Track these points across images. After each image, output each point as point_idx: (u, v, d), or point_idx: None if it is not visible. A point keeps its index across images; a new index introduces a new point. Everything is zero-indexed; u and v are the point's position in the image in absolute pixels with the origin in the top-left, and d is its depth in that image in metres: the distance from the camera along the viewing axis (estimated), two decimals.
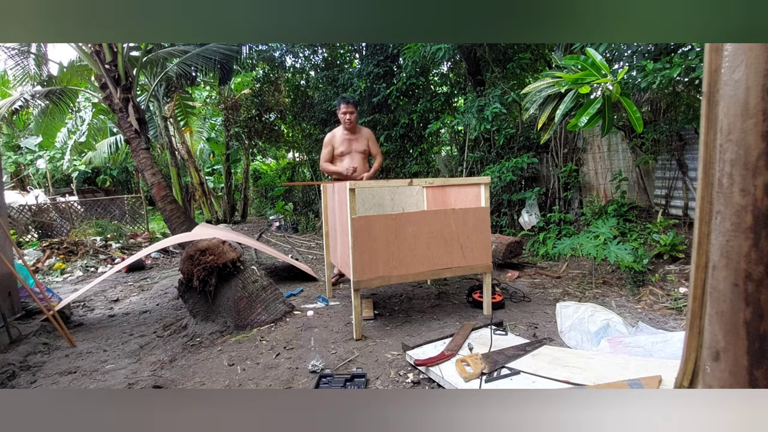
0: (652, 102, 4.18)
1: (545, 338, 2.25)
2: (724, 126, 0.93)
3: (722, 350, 0.95)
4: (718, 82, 0.94)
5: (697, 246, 1.02)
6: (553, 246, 4.08)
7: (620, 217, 4.13)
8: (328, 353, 2.29)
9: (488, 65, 5.46)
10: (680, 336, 1.86)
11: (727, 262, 0.93)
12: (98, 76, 5.80)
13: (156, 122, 9.18)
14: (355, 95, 6.60)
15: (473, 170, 5.58)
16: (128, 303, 3.84)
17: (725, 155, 0.92)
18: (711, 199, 0.97)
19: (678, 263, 3.31)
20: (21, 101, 6.69)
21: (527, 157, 4.74)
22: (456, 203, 2.98)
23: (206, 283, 2.70)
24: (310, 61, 8.38)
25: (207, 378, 2.11)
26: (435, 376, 1.87)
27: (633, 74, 3.06)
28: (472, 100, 4.85)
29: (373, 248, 2.42)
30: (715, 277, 0.96)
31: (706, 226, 0.99)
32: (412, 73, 5.93)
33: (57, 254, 5.91)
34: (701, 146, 1.00)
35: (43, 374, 2.30)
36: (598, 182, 4.87)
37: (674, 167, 4.00)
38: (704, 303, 1.00)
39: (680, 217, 3.94)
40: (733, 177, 0.91)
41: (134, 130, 5.76)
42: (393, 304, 3.15)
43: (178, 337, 2.73)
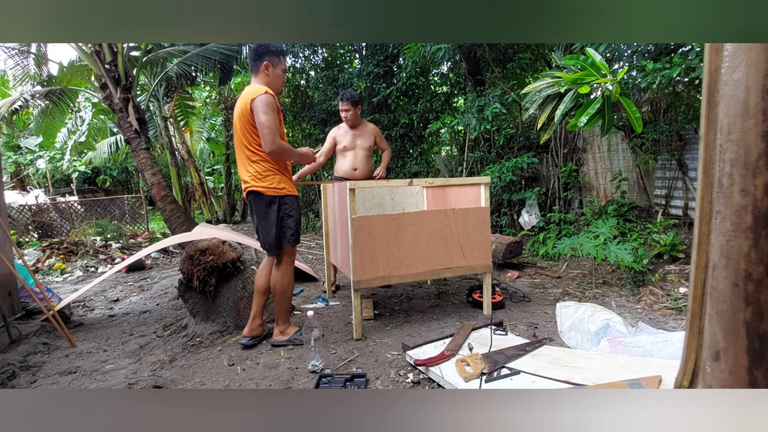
0: (652, 102, 4.18)
1: (545, 338, 2.25)
2: (724, 126, 0.93)
3: (722, 350, 0.95)
4: (718, 82, 0.94)
5: (697, 246, 1.02)
6: (553, 246, 4.09)
7: (620, 217, 4.13)
8: (328, 353, 2.29)
9: (488, 65, 5.46)
10: (680, 336, 1.86)
11: (727, 262, 0.93)
12: (98, 76, 5.81)
13: (156, 122, 9.18)
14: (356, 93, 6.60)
15: (473, 170, 5.59)
16: (128, 303, 3.84)
17: (725, 155, 0.92)
18: (711, 199, 0.97)
19: (678, 263, 3.31)
20: (21, 101, 6.69)
21: (527, 157, 4.74)
22: (456, 203, 2.98)
23: (206, 283, 2.70)
24: (310, 61, 8.38)
25: (207, 378, 2.11)
26: (435, 376, 1.87)
27: (633, 74, 3.06)
28: (472, 100, 4.85)
29: (373, 248, 2.42)
30: (715, 277, 0.96)
31: (706, 226, 0.99)
32: (412, 73, 5.93)
33: (57, 254, 5.91)
34: (701, 146, 1.00)
35: (43, 374, 2.30)
36: (598, 182, 4.87)
37: (674, 167, 4.00)
38: (704, 303, 1.00)
39: (680, 217, 3.94)
40: (733, 177, 0.91)
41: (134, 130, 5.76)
42: (393, 304, 3.15)
43: (178, 337, 2.73)
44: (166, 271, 5.25)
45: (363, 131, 3.49)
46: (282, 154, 2.29)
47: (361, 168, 3.47)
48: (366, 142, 3.47)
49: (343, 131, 3.49)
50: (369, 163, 3.54)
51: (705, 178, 0.99)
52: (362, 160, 3.47)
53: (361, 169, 3.47)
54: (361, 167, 3.46)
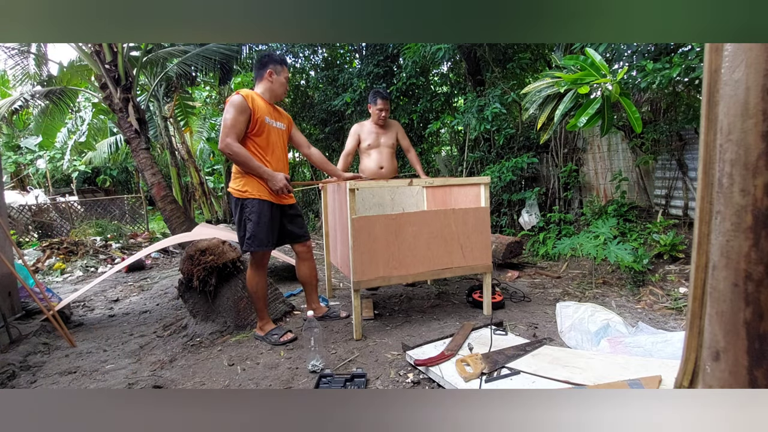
0: (651, 102, 4.18)
1: (545, 338, 2.25)
2: (724, 126, 0.93)
3: (722, 350, 0.95)
4: (718, 82, 0.94)
5: (697, 246, 1.02)
6: (553, 246, 4.09)
7: (620, 217, 4.13)
8: (328, 353, 2.29)
9: (488, 65, 5.46)
10: (680, 336, 1.86)
11: (727, 262, 0.93)
12: (98, 76, 5.80)
13: (156, 122, 9.17)
14: (355, 95, 6.60)
15: (473, 170, 5.59)
16: (128, 303, 3.84)
17: (725, 155, 0.92)
18: (711, 199, 0.97)
19: (678, 263, 3.31)
20: (21, 101, 6.68)
21: (527, 157, 4.74)
22: (456, 203, 2.98)
23: (206, 283, 2.70)
24: (310, 61, 8.38)
25: (207, 378, 2.11)
26: (435, 376, 1.87)
27: (633, 74, 3.06)
28: (472, 100, 4.85)
29: (373, 248, 2.42)
30: (715, 277, 0.96)
31: (706, 226, 0.99)
32: (412, 73, 5.93)
33: (57, 254, 5.91)
34: (701, 146, 1.00)
35: (43, 374, 2.30)
36: (598, 182, 4.87)
37: (674, 167, 4.00)
38: (704, 303, 1.00)
39: (680, 217, 3.94)
40: (733, 177, 0.91)
41: (134, 130, 5.76)
42: (393, 304, 3.15)
43: (178, 337, 2.73)
44: (166, 271, 5.25)
45: (387, 129, 3.42)
46: (233, 155, 2.32)
47: (387, 166, 3.38)
48: (390, 140, 3.40)
49: (367, 129, 3.39)
50: (394, 160, 3.46)
51: (705, 178, 0.99)
52: (387, 157, 3.39)
53: (387, 167, 3.38)
54: (387, 165, 3.38)
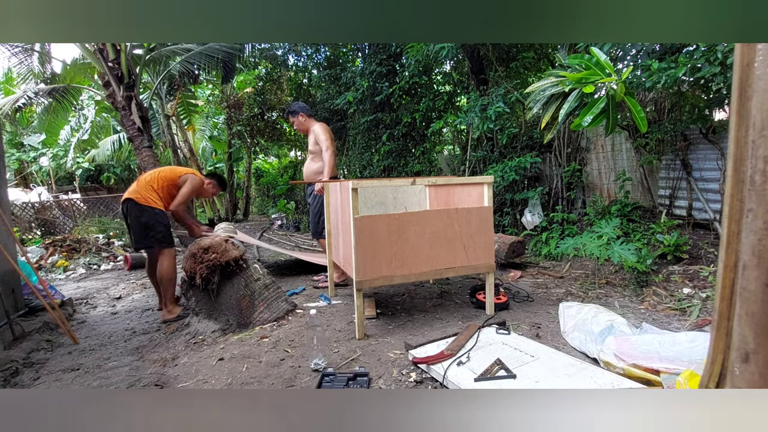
0: (656, 102, 4.15)
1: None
2: (757, 121, 0.90)
3: (752, 352, 0.92)
4: (751, 77, 0.91)
5: (726, 245, 0.99)
6: (556, 246, 4.07)
7: (624, 217, 4.11)
8: (331, 352, 2.29)
9: (491, 64, 5.44)
10: (688, 336, 1.85)
11: (758, 261, 0.90)
12: (101, 74, 5.82)
13: (159, 120, 9.19)
14: (358, 94, 6.59)
15: (476, 169, 5.57)
16: (131, 300, 3.85)
17: (758, 151, 0.89)
18: (742, 197, 0.94)
19: (682, 264, 3.30)
20: (24, 99, 6.71)
21: (530, 156, 4.73)
22: (459, 203, 2.97)
23: (209, 281, 2.70)
24: (313, 59, 8.38)
25: (209, 376, 2.12)
26: (437, 375, 1.87)
27: (638, 74, 3.04)
28: (475, 99, 4.83)
29: (375, 248, 2.41)
30: (746, 277, 0.93)
31: (736, 225, 0.96)
32: (414, 71, 5.92)
33: (60, 251, 5.94)
34: (731, 142, 0.97)
35: (46, 371, 2.31)
36: (602, 182, 4.85)
37: (678, 167, 3.98)
38: (733, 303, 0.97)
39: (684, 217, 3.92)
40: (766, 174, 0.88)
41: (137, 128, 5.77)
42: (395, 303, 3.14)
43: (180, 335, 2.74)
44: None
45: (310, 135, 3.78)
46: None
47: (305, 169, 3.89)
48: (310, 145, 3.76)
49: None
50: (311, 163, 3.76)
51: (735, 175, 0.96)
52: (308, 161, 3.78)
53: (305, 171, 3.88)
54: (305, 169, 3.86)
